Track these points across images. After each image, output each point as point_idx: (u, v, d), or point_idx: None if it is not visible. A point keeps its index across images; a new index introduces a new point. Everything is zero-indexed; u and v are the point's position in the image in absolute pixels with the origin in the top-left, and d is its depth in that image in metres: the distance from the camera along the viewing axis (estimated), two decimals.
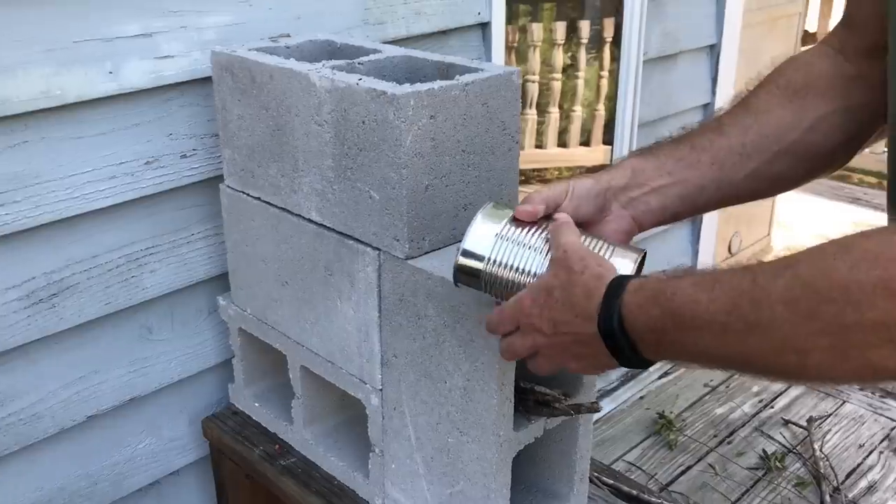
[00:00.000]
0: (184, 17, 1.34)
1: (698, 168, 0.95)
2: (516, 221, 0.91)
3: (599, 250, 0.87)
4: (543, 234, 0.88)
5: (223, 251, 1.47)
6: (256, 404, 1.50)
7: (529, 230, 0.90)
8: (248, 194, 1.33)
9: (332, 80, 1.10)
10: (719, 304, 0.68)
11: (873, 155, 4.80)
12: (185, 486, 1.59)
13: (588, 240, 0.88)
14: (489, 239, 0.89)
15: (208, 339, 1.53)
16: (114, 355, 1.42)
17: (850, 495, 2.38)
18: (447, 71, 1.19)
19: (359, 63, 1.22)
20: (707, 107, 2.73)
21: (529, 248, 0.88)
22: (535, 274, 0.87)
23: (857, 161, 4.19)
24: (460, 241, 0.91)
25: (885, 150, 0.88)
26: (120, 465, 1.48)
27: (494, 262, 0.89)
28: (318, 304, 1.27)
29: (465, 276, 0.91)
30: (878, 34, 0.88)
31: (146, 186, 1.37)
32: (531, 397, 1.12)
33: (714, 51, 2.67)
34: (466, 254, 0.90)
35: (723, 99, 2.73)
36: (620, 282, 0.78)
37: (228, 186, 1.37)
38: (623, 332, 0.76)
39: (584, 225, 0.94)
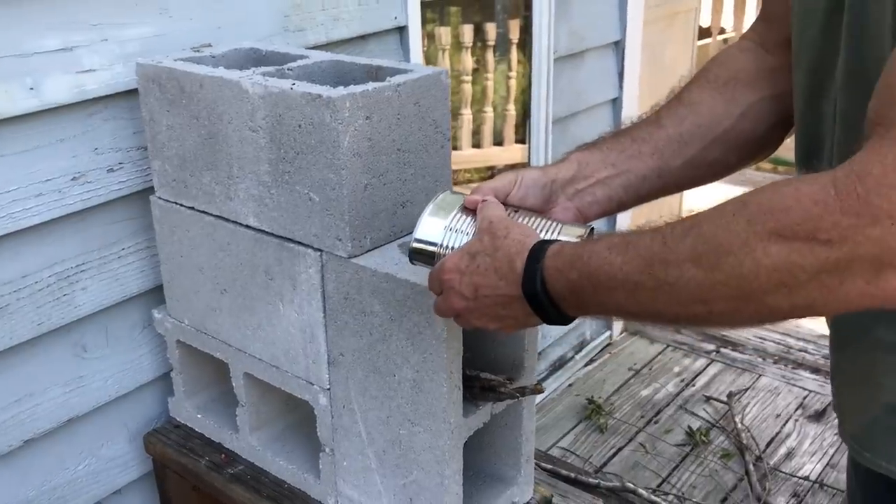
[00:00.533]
0: (104, 30, 1.33)
1: (640, 159, 1.01)
2: (464, 211, 0.96)
3: (547, 228, 0.92)
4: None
5: (156, 264, 1.46)
6: (199, 416, 1.49)
7: (473, 220, 0.94)
8: (181, 204, 1.33)
9: (265, 87, 1.12)
10: (633, 266, 0.74)
11: None
12: None
13: (536, 219, 0.93)
14: (438, 229, 0.96)
15: (145, 353, 1.52)
16: (48, 376, 1.40)
17: (772, 462, 2.51)
18: (377, 73, 1.22)
19: (288, 69, 1.24)
20: (615, 101, 2.84)
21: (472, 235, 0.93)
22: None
23: None
24: (412, 231, 0.97)
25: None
26: (60, 488, 1.45)
27: (445, 247, 0.95)
28: (259, 310, 1.28)
29: (419, 257, 0.98)
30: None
31: (74, 203, 1.35)
32: (477, 384, 1.16)
33: (619, 47, 2.77)
34: (419, 241, 0.97)
35: (630, 93, 2.84)
36: (541, 246, 0.82)
37: (160, 198, 1.36)
38: (546, 293, 0.80)
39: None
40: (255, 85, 1.13)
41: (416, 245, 0.97)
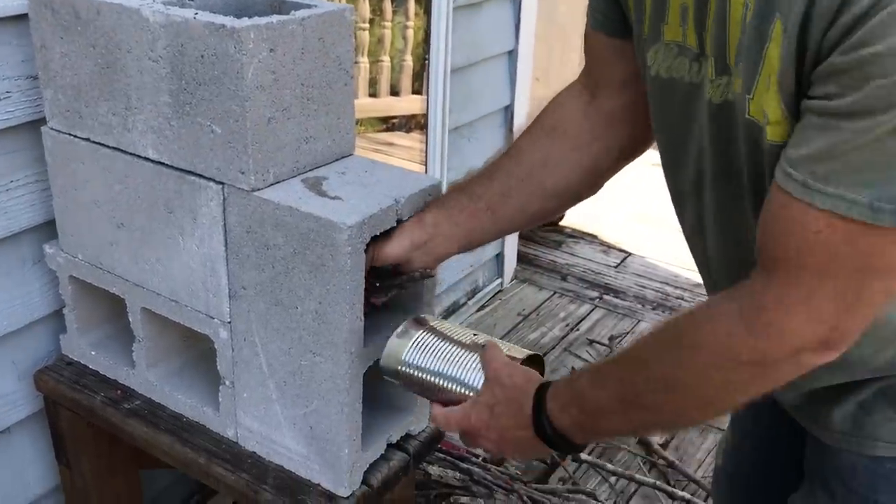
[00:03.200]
0: None
1: (477, 216, 1.16)
2: (418, 345, 1.11)
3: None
4: (438, 355, 1.10)
5: (47, 197, 1.42)
6: (93, 352, 1.47)
7: (427, 356, 1.10)
8: (75, 136, 1.30)
9: (167, 15, 1.11)
10: (615, 398, 0.91)
11: None
12: (18, 443, 1.54)
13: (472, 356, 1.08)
14: (396, 363, 1.13)
15: (35, 289, 1.48)
16: None
17: None
18: (280, 7, 1.22)
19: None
20: (511, 53, 2.89)
21: (427, 373, 1.10)
22: (437, 383, 1.09)
23: None
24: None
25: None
26: None
27: (405, 376, 1.12)
28: (158, 244, 1.28)
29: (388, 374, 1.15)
30: (621, 76, 1.08)
31: None
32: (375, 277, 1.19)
33: None
34: (382, 369, 1.15)
35: (525, 46, 2.90)
36: (542, 393, 0.97)
37: (52, 129, 1.33)
38: (555, 431, 0.96)
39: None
40: (156, 13, 1.12)
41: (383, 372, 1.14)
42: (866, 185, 0.70)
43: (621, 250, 3.58)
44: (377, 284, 1.18)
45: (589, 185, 1.17)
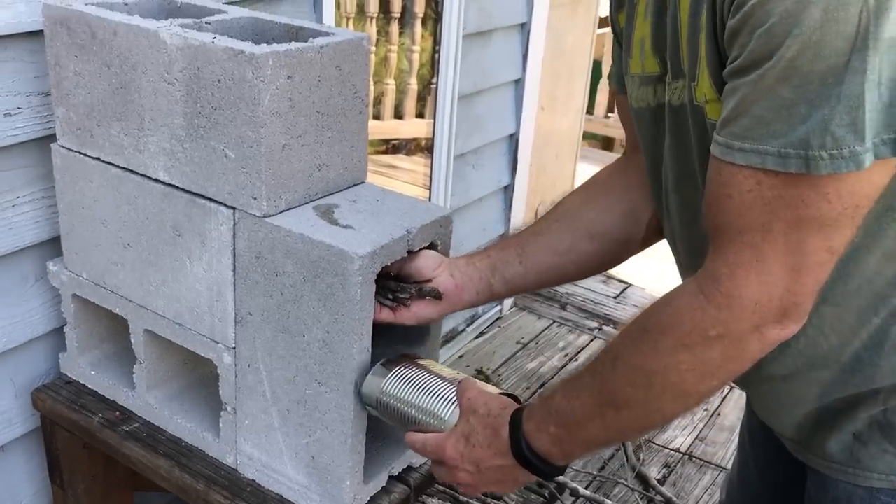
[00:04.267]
0: None
1: (507, 249, 1.18)
2: (398, 376, 1.12)
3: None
4: (415, 386, 1.11)
5: (52, 214, 1.41)
6: (92, 372, 1.45)
7: (405, 386, 1.11)
8: (85, 154, 1.29)
9: (185, 38, 1.10)
10: (590, 404, 0.90)
11: None
12: (12, 461, 1.52)
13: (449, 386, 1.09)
14: (377, 392, 1.12)
15: (36, 307, 1.46)
16: None
17: (646, 434, 2.66)
18: (297, 33, 1.22)
19: (206, 23, 1.22)
20: (518, 82, 2.90)
21: (403, 403, 1.11)
22: (412, 414, 1.10)
23: (621, 133, 4.52)
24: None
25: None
26: None
27: (383, 406, 1.13)
28: (164, 266, 1.26)
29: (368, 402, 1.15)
30: None
31: None
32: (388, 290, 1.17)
33: (525, 29, 2.83)
34: (363, 397, 1.14)
35: (532, 75, 2.91)
36: (517, 416, 0.96)
37: (62, 146, 1.32)
38: (533, 453, 0.94)
39: (414, 273, 1.17)
40: (173, 36, 1.11)
41: (364, 394, 1.13)
42: (775, 135, 0.73)
43: (621, 281, 3.57)
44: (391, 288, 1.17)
45: (629, 230, 1.17)
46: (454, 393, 1.06)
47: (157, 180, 1.22)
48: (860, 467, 0.95)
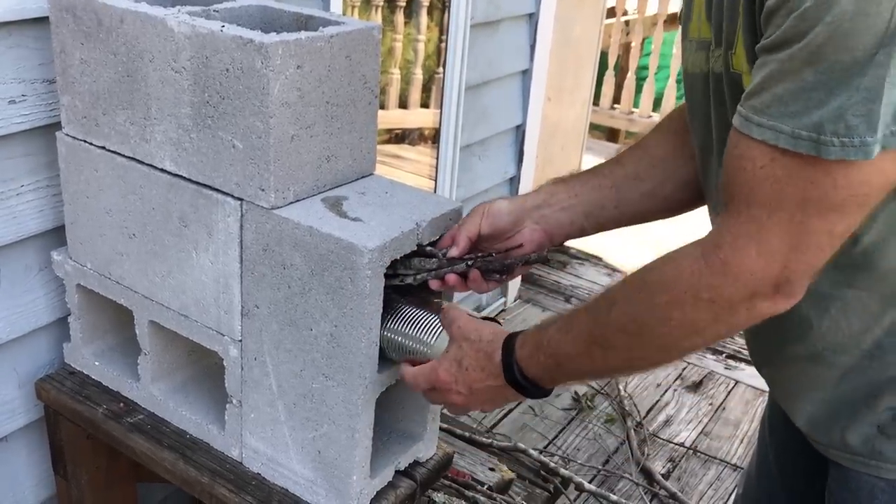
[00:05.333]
0: None
1: (600, 191, 1.16)
2: (399, 314, 1.15)
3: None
4: (410, 320, 1.14)
5: (57, 204, 1.40)
6: (97, 363, 1.44)
7: (402, 322, 1.14)
8: (90, 143, 1.27)
9: (193, 27, 1.08)
10: (581, 341, 0.95)
11: (642, 119, 5.26)
12: (15, 452, 1.51)
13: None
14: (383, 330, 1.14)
15: (40, 296, 1.45)
16: None
17: (651, 428, 2.65)
18: (306, 22, 1.20)
19: (214, 10, 1.20)
20: (526, 73, 2.87)
21: (400, 334, 1.14)
22: (406, 344, 1.14)
23: (629, 126, 4.51)
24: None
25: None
26: None
27: (386, 341, 1.15)
28: (170, 257, 1.25)
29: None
30: None
31: None
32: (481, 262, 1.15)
33: (532, 19, 2.81)
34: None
35: (539, 65, 2.88)
36: (510, 341, 1.01)
37: (67, 135, 1.30)
38: (524, 377, 1.00)
39: (498, 237, 1.15)
40: (181, 24, 1.09)
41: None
42: (791, 116, 0.75)
43: (625, 273, 3.55)
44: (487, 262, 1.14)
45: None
46: (439, 322, 1.11)
47: (163, 170, 1.20)
48: (883, 459, 0.95)
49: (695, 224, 1.09)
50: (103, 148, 1.26)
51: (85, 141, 1.28)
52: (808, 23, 0.72)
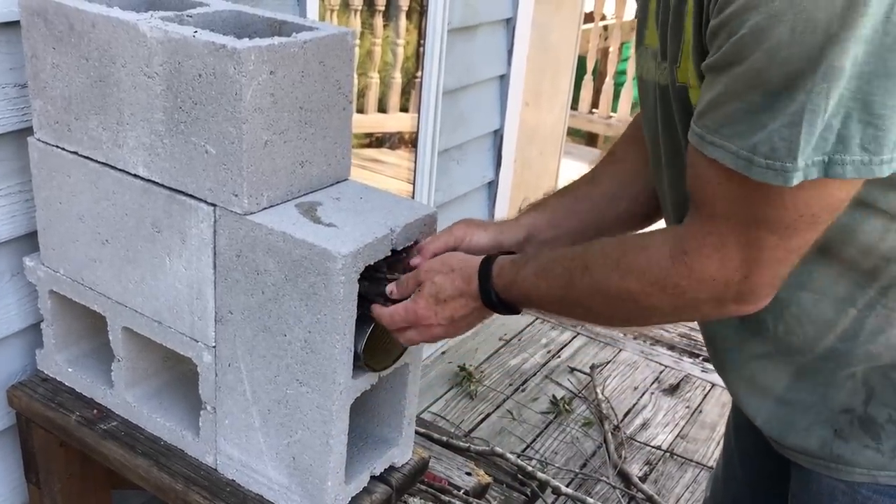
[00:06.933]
0: None
1: (579, 217, 1.19)
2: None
3: None
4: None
5: (29, 209, 1.39)
6: (70, 370, 1.43)
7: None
8: (62, 148, 1.26)
9: (166, 32, 1.08)
10: (553, 292, 0.99)
11: (620, 124, 5.29)
12: None
13: None
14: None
15: (12, 303, 1.44)
16: None
17: (628, 432, 2.66)
18: (280, 28, 1.20)
19: (187, 16, 1.20)
20: (503, 77, 2.88)
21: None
22: None
23: (607, 130, 4.50)
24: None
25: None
26: None
27: None
28: (143, 263, 1.24)
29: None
30: None
31: None
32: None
33: (510, 24, 2.82)
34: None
35: (517, 70, 2.89)
36: (486, 268, 1.04)
37: (39, 140, 1.29)
38: (500, 301, 1.04)
39: None
40: (153, 29, 1.09)
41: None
42: (738, 136, 0.77)
43: None
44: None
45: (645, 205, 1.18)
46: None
47: (136, 176, 1.20)
48: (841, 462, 0.96)
49: None
50: (75, 153, 1.25)
51: (57, 146, 1.27)
52: (748, 49, 0.74)
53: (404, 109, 4.32)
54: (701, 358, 3.08)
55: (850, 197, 0.80)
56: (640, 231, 0.97)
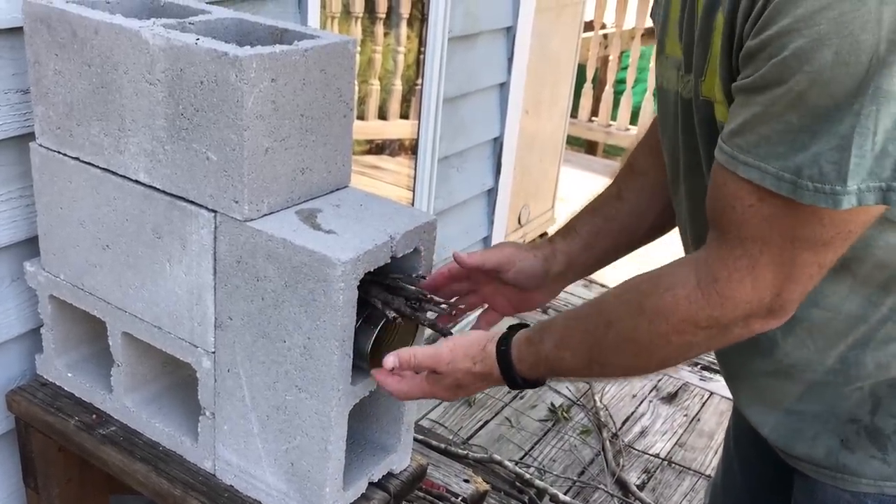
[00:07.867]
0: None
1: (611, 235, 1.20)
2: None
3: None
4: None
5: (30, 214, 1.39)
6: (69, 374, 1.43)
7: None
8: (64, 154, 1.27)
9: (168, 39, 1.09)
10: (579, 358, 0.98)
11: (620, 132, 5.29)
12: None
13: None
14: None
15: (12, 307, 1.44)
16: None
17: (626, 440, 2.66)
18: (281, 36, 1.21)
19: (189, 23, 1.20)
20: (503, 86, 2.89)
21: None
22: None
23: (607, 139, 4.53)
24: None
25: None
26: None
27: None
28: (144, 268, 1.25)
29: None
30: None
31: None
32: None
33: (510, 32, 2.83)
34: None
35: (517, 79, 2.90)
36: (507, 356, 1.03)
37: (41, 145, 1.30)
38: (524, 381, 1.04)
39: (517, 288, 1.21)
40: (156, 36, 1.10)
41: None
42: (777, 157, 0.76)
43: (603, 285, 3.58)
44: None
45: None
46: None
47: (137, 182, 1.20)
48: (847, 472, 0.96)
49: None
50: (77, 159, 1.26)
51: (59, 152, 1.28)
52: (790, 71, 0.73)
53: (405, 116, 4.33)
54: (699, 366, 3.08)
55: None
56: (650, 271, 0.94)
